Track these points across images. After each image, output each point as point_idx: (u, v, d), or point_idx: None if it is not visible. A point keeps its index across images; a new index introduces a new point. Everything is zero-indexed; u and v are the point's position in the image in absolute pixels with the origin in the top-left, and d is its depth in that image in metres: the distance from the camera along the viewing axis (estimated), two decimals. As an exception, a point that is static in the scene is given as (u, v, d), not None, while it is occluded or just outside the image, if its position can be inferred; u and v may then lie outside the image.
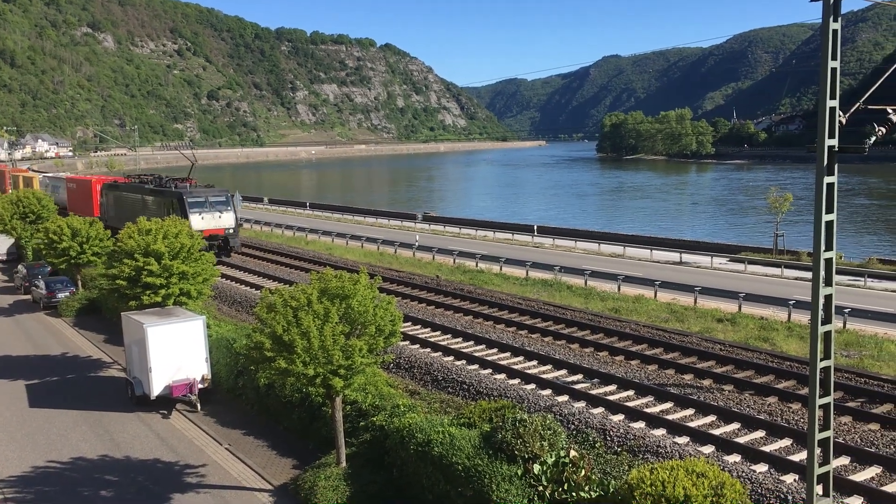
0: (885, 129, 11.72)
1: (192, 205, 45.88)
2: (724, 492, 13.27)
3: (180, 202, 45.81)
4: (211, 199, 46.84)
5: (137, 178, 58.03)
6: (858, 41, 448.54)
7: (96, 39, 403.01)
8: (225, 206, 47.28)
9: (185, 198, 45.98)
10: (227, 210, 47.21)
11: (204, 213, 46.00)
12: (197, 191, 47.39)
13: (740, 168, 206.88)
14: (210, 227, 45.82)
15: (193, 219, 44.24)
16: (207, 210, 46.25)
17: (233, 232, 47.62)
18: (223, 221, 46.77)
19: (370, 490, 17.94)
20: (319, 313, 17.17)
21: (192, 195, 46.50)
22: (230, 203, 47.70)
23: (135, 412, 25.08)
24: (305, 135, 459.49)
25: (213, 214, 46.42)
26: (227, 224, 47.22)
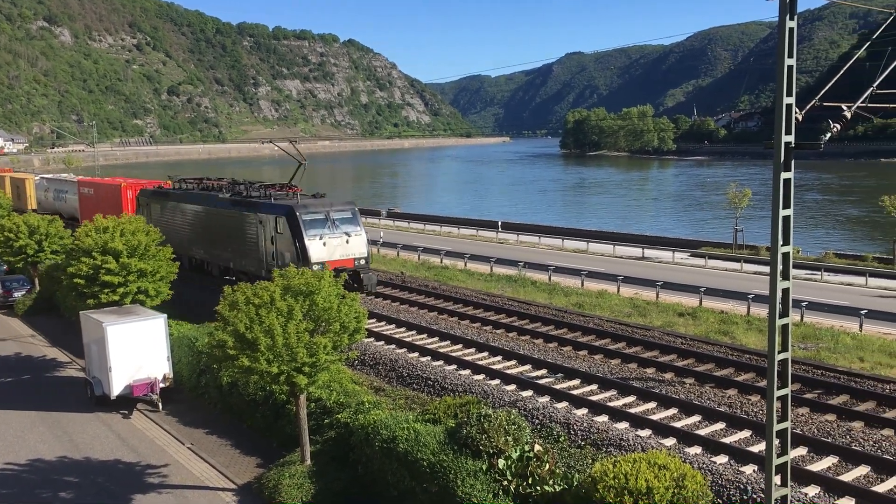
0: (840, 126, 11.93)
1: (310, 224, 30.63)
2: (685, 483, 13.48)
3: (291, 221, 30.50)
4: (334, 216, 31.44)
5: (197, 184, 42.27)
6: (815, 39, 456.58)
7: (53, 33, 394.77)
8: (353, 224, 31.88)
9: (300, 214, 30.54)
10: (356, 231, 31.71)
11: (326, 235, 30.70)
12: (313, 203, 31.76)
13: (700, 164, 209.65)
14: (336, 258, 30.74)
15: (312, 246, 30.10)
16: (330, 232, 30.90)
17: (365, 263, 31.89)
18: (353, 248, 31.42)
19: (335, 487, 17.88)
20: (283, 311, 17.06)
21: (309, 210, 30.98)
22: (359, 221, 32.54)
23: (94, 412, 24.69)
24: (268, 131, 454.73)
25: (339, 238, 31.12)
26: (359, 251, 31.56)
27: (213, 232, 36.53)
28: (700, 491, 13.63)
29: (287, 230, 30.52)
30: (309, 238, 30.18)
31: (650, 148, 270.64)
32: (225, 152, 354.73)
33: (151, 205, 42.79)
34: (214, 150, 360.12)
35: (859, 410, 19.05)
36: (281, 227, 31.00)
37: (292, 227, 30.36)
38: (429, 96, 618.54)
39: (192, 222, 38.66)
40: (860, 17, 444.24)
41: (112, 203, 49.10)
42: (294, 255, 29.87)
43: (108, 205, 48.86)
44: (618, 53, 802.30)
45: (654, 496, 13.11)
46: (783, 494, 12.60)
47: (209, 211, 36.96)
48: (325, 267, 26.99)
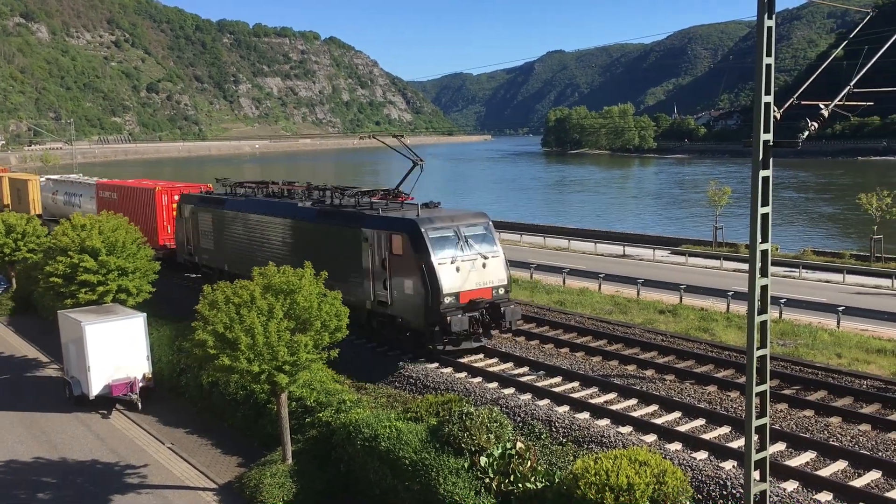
0: (818, 124, 12.04)
1: (438, 243, 23.74)
2: (665, 479, 13.57)
3: (415, 239, 23.61)
4: (465, 232, 24.47)
5: (259, 188, 35.42)
6: (793, 38, 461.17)
7: (29, 30, 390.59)
8: (489, 243, 25.26)
9: (425, 231, 23.69)
10: (493, 251, 25.05)
11: (458, 258, 23.80)
12: (439, 216, 24.85)
13: (681, 162, 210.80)
14: (470, 286, 24.18)
15: (443, 272, 23.31)
16: (463, 253, 24.06)
17: (505, 293, 25.02)
18: (491, 273, 24.71)
19: (317, 487, 17.84)
20: (263, 309, 16.98)
21: (436, 225, 24.10)
22: (495, 237, 25.95)
23: (73, 413, 24.46)
24: (249, 128, 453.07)
25: (474, 261, 24.42)
26: (498, 277, 24.75)
27: (292, 250, 28.87)
28: (680, 487, 13.72)
29: (408, 251, 23.35)
30: (438, 262, 23.08)
31: (631, 146, 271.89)
32: (205, 150, 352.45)
33: (199, 214, 35.77)
34: (194, 147, 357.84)
35: (837, 406, 19.25)
36: (398, 247, 23.75)
37: (416, 246, 23.21)
38: (410, 94, 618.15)
39: (259, 237, 31.62)
40: (838, 17, 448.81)
41: (142, 210, 42.00)
42: (418, 283, 23.11)
43: (137, 212, 41.32)
44: (599, 52, 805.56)
45: (635, 492, 13.18)
46: (762, 490, 12.71)
47: (287, 224, 29.64)
48: (457, 299, 22.84)
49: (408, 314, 24.09)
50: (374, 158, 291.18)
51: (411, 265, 23.54)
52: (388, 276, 24.43)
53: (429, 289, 23.07)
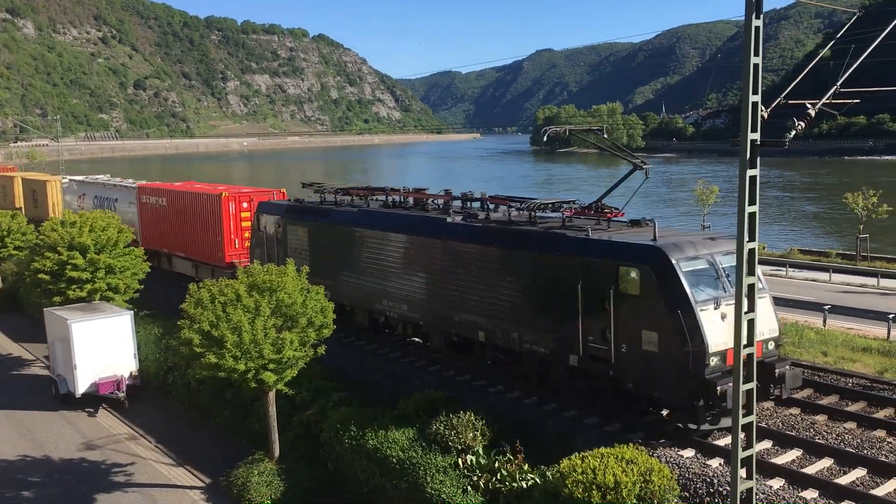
0: (805, 124, 12.09)
1: (694, 279, 17.08)
2: (652, 477, 13.63)
3: (662, 272, 16.94)
4: (723, 262, 17.81)
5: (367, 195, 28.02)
6: (781, 38, 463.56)
7: (15, 26, 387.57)
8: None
9: (677, 262, 16.97)
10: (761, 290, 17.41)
11: (721, 300, 17.01)
12: (687, 239, 18.29)
13: (669, 161, 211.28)
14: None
15: (707, 321, 16.61)
16: (725, 293, 17.08)
17: (775, 347, 18.69)
18: (760, 321, 14.30)
19: (304, 484, 17.83)
20: (250, 307, 16.94)
21: (688, 254, 17.43)
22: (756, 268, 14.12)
23: (59, 411, 24.34)
24: (237, 126, 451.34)
25: None
26: (768, 327, 18.16)
27: (442, 281, 21.98)
28: (667, 485, 13.79)
29: (650, 291, 16.89)
30: (700, 307, 16.51)
31: (619, 145, 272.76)
32: (193, 147, 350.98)
33: (289, 227, 27.62)
34: (182, 145, 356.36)
35: (822, 404, 19.34)
36: (633, 285, 17.21)
37: (664, 284, 16.76)
38: (399, 92, 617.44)
39: (388, 262, 23.85)
40: (825, 17, 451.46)
41: (201, 220, 34.72)
42: (668, 336, 16.56)
43: (194, 222, 35.15)
44: (587, 51, 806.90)
45: (622, 490, 13.24)
46: (748, 487, 12.77)
47: (435, 246, 22.10)
48: (723, 359, 16.24)
49: (646, 379, 17.14)
50: (362, 157, 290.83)
51: (656, 310, 16.79)
52: (612, 323, 17.47)
53: (688, 345, 16.22)
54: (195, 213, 35.54)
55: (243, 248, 33.18)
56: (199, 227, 35.13)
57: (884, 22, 13.79)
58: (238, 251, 33.92)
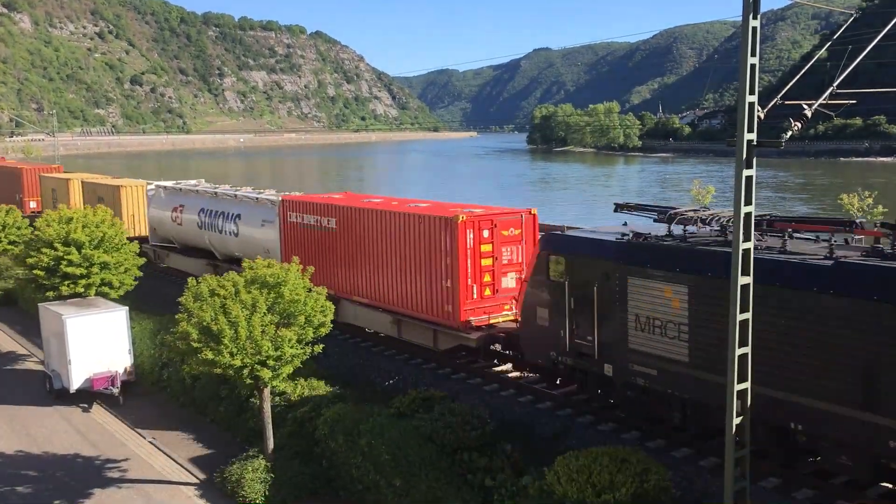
0: (801, 124, 12.13)
1: None
2: (647, 476, 13.66)
3: None
4: None
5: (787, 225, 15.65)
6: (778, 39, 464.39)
7: (12, 20, 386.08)
8: None
9: None
10: None
11: None
12: None
13: (665, 161, 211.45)
14: None
15: None
16: None
17: None
18: None
19: (299, 481, 17.82)
20: (247, 303, 16.92)
21: None
22: None
23: (53, 406, 24.30)
24: (234, 122, 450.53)
25: None
26: None
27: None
28: (662, 484, 13.81)
29: None
30: None
31: (616, 144, 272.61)
32: (189, 144, 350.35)
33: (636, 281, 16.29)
34: (178, 141, 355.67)
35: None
36: None
37: None
38: (396, 90, 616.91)
39: None
40: (822, 18, 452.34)
41: (416, 253, 23.09)
42: None
43: (400, 255, 23.65)
44: (585, 50, 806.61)
45: (617, 490, 13.26)
46: (742, 487, 12.81)
47: None
48: None
49: None
50: (358, 154, 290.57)
51: None
52: None
53: None
54: (398, 243, 23.39)
55: (482, 297, 21.95)
56: (406, 263, 23.19)
57: (880, 23, 13.82)
58: (478, 303, 22.09)
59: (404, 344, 25.13)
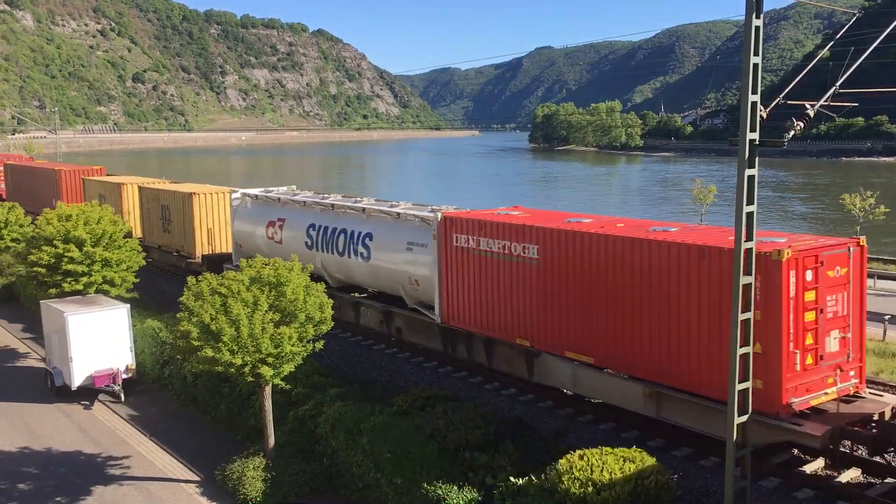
0: (804, 124, 12.13)
1: None
2: (648, 475, 13.67)
3: None
4: None
5: None
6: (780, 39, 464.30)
7: (14, 17, 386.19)
8: None
9: None
10: None
11: None
12: None
13: (667, 160, 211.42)
14: None
15: None
16: None
17: None
18: None
19: (300, 479, 17.83)
20: (248, 301, 16.93)
21: None
22: None
23: (55, 403, 24.32)
24: (235, 120, 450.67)
25: None
26: None
27: None
28: (662, 483, 13.82)
29: None
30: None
31: (618, 143, 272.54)
32: (191, 141, 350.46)
33: None
34: (180, 138, 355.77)
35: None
36: None
37: None
38: (398, 88, 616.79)
39: None
40: (824, 18, 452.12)
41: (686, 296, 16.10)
42: None
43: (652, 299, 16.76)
44: (587, 49, 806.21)
45: (618, 488, 13.27)
46: (742, 486, 12.82)
47: None
48: None
49: None
50: (360, 152, 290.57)
51: None
52: None
53: None
54: (658, 284, 16.63)
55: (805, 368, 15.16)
56: (673, 313, 16.40)
57: (883, 23, 13.80)
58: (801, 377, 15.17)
59: (405, 342, 25.10)
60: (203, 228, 34.31)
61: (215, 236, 34.45)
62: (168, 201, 36.46)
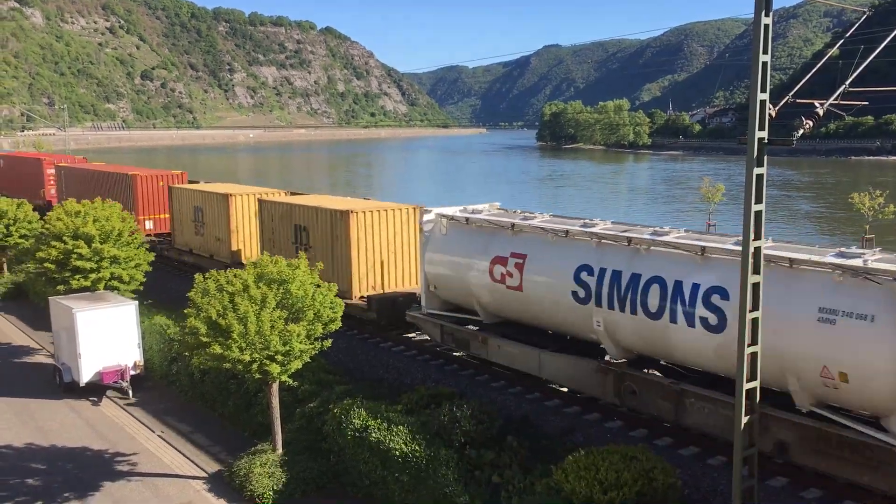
0: (812, 123, 12.08)
1: None
2: (655, 475, 13.64)
3: None
4: None
5: None
6: (789, 37, 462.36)
7: (24, 15, 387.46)
8: None
9: None
10: None
11: None
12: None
13: (675, 159, 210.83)
14: None
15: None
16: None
17: None
18: None
19: (307, 476, 17.88)
20: (256, 298, 16.96)
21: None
22: None
23: (63, 399, 24.42)
24: (243, 118, 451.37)
25: None
26: None
27: None
28: (669, 482, 13.79)
29: None
30: None
31: (626, 142, 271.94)
32: (199, 139, 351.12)
33: None
34: (188, 136, 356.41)
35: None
36: None
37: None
38: (406, 86, 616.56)
39: None
40: (834, 16, 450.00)
41: None
42: None
43: None
44: (595, 47, 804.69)
45: (624, 487, 13.25)
46: (750, 486, 12.79)
47: None
48: None
49: None
50: (367, 150, 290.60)
51: None
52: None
53: None
54: None
55: None
56: None
57: (893, 21, 13.73)
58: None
59: (410, 340, 25.12)
60: (366, 258, 25.86)
61: (387, 269, 26.13)
62: (306, 219, 27.52)
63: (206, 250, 35.09)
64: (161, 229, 40.56)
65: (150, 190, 41.31)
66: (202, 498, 17.98)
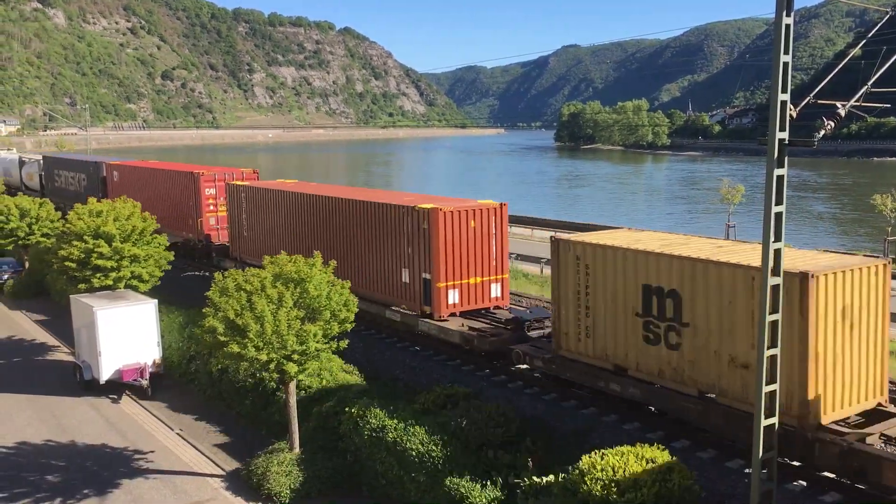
0: (834, 124, 11.96)
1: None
2: (672, 476, 13.56)
3: None
4: None
5: None
6: (811, 37, 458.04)
7: (46, 15, 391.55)
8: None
9: None
10: None
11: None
12: None
13: (694, 160, 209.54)
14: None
15: None
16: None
17: None
18: None
19: (323, 475, 17.94)
20: (273, 298, 17.03)
21: None
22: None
23: (83, 397, 24.65)
24: (262, 118, 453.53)
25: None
26: None
27: None
28: (686, 484, 13.71)
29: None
30: None
31: (644, 142, 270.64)
32: (219, 138, 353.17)
33: None
34: (208, 136, 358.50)
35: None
36: None
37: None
38: (424, 86, 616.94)
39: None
40: (856, 16, 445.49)
41: None
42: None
43: None
44: (614, 47, 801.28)
45: (641, 489, 13.18)
46: (768, 489, 12.68)
47: None
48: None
49: None
50: (386, 150, 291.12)
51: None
52: None
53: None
54: None
55: None
56: None
57: (917, 22, 13.57)
58: None
59: (427, 339, 25.11)
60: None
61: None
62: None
63: None
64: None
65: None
66: (220, 495, 18.08)
